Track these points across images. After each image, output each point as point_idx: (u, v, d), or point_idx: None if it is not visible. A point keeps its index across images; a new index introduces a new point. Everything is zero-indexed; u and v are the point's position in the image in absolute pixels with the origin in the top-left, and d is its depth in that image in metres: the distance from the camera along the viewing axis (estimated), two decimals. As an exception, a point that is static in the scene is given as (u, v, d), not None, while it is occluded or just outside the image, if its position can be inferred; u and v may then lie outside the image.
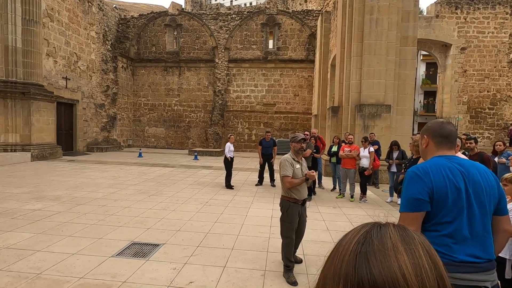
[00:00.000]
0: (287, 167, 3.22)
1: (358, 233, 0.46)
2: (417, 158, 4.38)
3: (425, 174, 1.46)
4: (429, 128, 1.63)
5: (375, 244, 0.43)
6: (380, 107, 9.26)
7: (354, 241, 0.44)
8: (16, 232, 4.16)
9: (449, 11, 16.64)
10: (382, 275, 0.39)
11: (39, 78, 12.43)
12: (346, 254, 0.43)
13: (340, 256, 0.44)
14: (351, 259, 0.42)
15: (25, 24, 11.80)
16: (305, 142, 3.36)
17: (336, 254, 0.45)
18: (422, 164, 1.54)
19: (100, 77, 17.39)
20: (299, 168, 3.29)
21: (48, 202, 5.76)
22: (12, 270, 3.08)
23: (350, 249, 0.43)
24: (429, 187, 1.43)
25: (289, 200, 3.22)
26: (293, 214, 3.20)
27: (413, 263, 0.40)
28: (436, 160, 1.52)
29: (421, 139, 1.67)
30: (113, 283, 2.89)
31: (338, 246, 0.46)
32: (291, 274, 3.09)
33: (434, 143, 1.59)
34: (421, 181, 1.45)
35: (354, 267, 0.41)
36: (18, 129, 11.76)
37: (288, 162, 3.25)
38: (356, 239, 0.45)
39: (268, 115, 19.25)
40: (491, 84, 16.92)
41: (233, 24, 19.05)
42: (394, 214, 5.87)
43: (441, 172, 1.45)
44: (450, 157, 1.53)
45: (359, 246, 0.43)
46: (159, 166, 11.50)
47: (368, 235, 0.45)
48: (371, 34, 9.25)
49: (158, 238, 4.10)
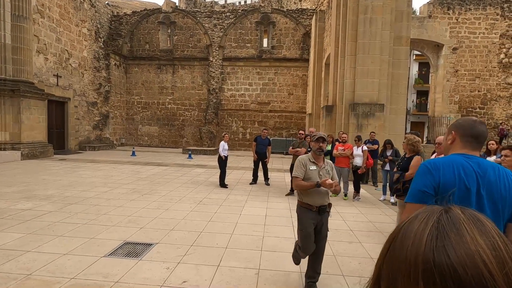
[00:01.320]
0: (298, 168, 2.95)
1: (428, 222, 0.43)
2: (410, 157, 4.42)
3: (435, 169, 1.46)
4: (460, 125, 1.55)
5: (452, 236, 0.41)
6: (373, 106, 9.33)
7: (427, 232, 0.42)
8: (6, 232, 4.08)
9: (441, 12, 16.84)
10: (465, 268, 0.37)
11: (29, 75, 12.19)
12: (420, 245, 0.41)
13: (413, 248, 0.41)
14: (428, 250, 0.40)
15: (14, 20, 11.55)
16: (324, 141, 2.99)
17: (405, 246, 0.42)
18: (436, 159, 1.54)
19: (92, 74, 17.14)
20: (314, 170, 2.93)
21: (38, 202, 5.66)
22: (1, 271, 3.02)
23: (424, 240, 0.41)
24: (436, 181, 1.43)
25: (301, 205, 2.96)
26: (305, 220, 2.88)
27: (495, 256, 0.39)
28: (452, 157, 1.50)
29: (448, 134, 1.61)
30: (105, 283, 2.86)
31: (403, 237, 0.43)
32: (300, 256, 2.96)
33: (461, 142, 1.53)
34: (430, 174, 1.46)
35: (433, 258, 0.39)
36: (8, 127, 11.52)
37: (301, 163, 2.96)
38: (429, 229, 0.42)
39: (262, 113, 19.24)
40: (481, 84, 17.21)
41: (228, 22, 18.96)
42: (387, 212, 5.93)
43: (453, 169, 1.43)
44: (469, 157, 1.48)
45: (433, 236, 0.41)
46: (153, 165, 11.41)
47: (440, 224, 0.42)
48: (365, 34, 9.31)
49: (151, 238, 4.06)
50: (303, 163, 2.95)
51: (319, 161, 3.00)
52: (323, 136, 3.01)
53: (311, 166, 2.94)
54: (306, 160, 2.99)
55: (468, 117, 1.65)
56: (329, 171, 3.03)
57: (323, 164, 3.01)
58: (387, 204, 6.61)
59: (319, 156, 3.00)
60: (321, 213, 2.91)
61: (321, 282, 3.00)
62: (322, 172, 2.95)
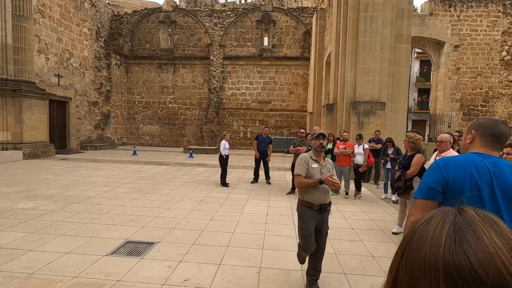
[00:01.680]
0: (300, 166, 2.92)
1: (444, 224, 0.43)
2: (412, 155, 4.41)
3: (445, 166, 1.46)
4: (481, 124, 1.52)
5: (470, 238, 0.41)
6: (374, 104, 9.31)
7: (445, 234, 0.42)
8: (8, 232, 4.10)
9: (442, 9, 16.75)
10: (486, 269, 0.38)
11: (31, 75, 12.22)
12: (439, 248, 0.41)
13: (432, 251, 0.41)
14: (447, 253, 0.40)
15: (15, 20, 11.57)
16: (325, 138, 3.01)
17: (423, 248, 0.42)
18: (448, 157, 1.55)
19: (93, 74, 17.17)
20: (316, 167, 2.91)
21: (40, 201, 5.68)
22: (4, 270, 3.04)
23: (443, 243, 0.41)
24: (444, 178, 1.43)
25: (302, 204, 2.95)
26: (305, 219, 2.88)
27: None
28: (467, 156, 1.49)
29: (467, 133, 1.57)
30: (107, 282, 2.87)
31: (420, 240, 0.43)
32: (304, 254, 2.94)
33: (481, 141, 1.50)
34: (439, 171, 1.46)
35: (453, 261, 0.39)
36: (10, 127, 11.56)
37: (303, 161, 2.94)
38: (446, 231, 0.42)
39: (263, 112, 19.23)
40: (483, 81, 17.12)
41: (228, 21, 18.93)
42: (388, 210, 5.92)
43: (464, 168, 1.42)
44: (485, 156, 1.46)
45: (451, 239, 0.41)
46: (154, 164, 11.43)
47: (456, 226, 0.43)
48: (365, 32, 9.27)
49: (152, 236, 4.07)
50: (305, 161, 2.93)
51: (320, 159, 3.00)
52: (323, 133, 3.03)
53: (313, 164, 2.93)
54: (308, 158, 2.97)
55: (489, 116, 1.63)
56: (330, 169, 3.03)
57: (324, 162, 3.01)
58: (389, 202, 6.61)
59: (320, 154, 3.00)
60: (322, 212, 2.89)
61: (322, 280, 3.00)
62: (324, 170, 2.95)
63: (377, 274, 3.21)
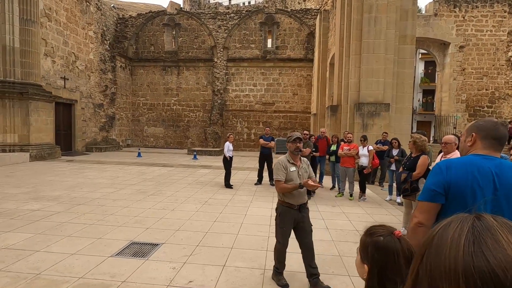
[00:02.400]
0: (279, 171, 2.99)
1: (463, 228, 0.44)
2: (417, 157, 4.38)
3: (447, 168, 1.45)
4: (481, 126, 1.50)
5: (488, 241, 0.42)
6: (379, 105, 9.27)
7: (464, 237, 0.43)
8: (15, 233, 4.15)
9: (447, 10, 16.65)
10: (505, 271, 0.39)
11: (37, 78, 12.39)
12: (458, 251, 0.42)
13: (451, 254, 0.42)
14: (466, 256, 0.41)
15: (22, 24, 11.75)
16: (301, 141, 3.08)
17: (442, 252, 0.43)
18: (450, 159, 1.54)
19: (99, 77, 17.34)
20: (294, 171, 3.01)
21: (46, 202, 5.75)
22: (11, 270, 3.08)
23: (462, 246, 0.42)
24: (446, 180, 1.42)
25: (282, 204, 3.04)
26: (286, 219, 3.00)
27: None
28: (469, 157, 1.48)
29: (467, 136, 1.56)
30: (112, 283, 2.89)
31: (439, 243, 0.45)
32: (281, 277, 2.99)
33: (482, 143, 1.49)
34: (441, 173, 1.46)
35: (472, 263, 0.40)
36: (17, 129, 11.72)
37: (281, 165, 3.01)
38: (465, 235, 0.43)
39: (267, 114, 19.24)
40: (489, 82, 16.95)
41: (232, 23, 19.01)
42: (393, 212, 5.88)
43: (466, 169, 1.41)
44: (487, 157, 1.44)
45: (470, 242, 0.42)
46: (158, 166, 11.49)
47: (475, 230, 0.44)
48: (369, 33, 9.25)
49: (157, 238, 4.09)
50: (283, 166, 3.01)
51: (297, 160, 3.10)
52: (300, 137, 3.10)
53: (291, 168, 3.02)
54: (285, 161, 3.05)
55: (489, 118, 1.61)
56: (306, 168, 3.15)
57: (300, 163, 3.11)
58: (393, 204, 6.56)
59: (296, 156, 3.11)
60: (301, 211, 3.03)
61: (326, 282, 2.99)
62: (301, 171, 3.06)
63: (382, 277, 3.18)
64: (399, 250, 0.91)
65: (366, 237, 0.99)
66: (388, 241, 0.93)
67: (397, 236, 0.94)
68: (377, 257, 0.93)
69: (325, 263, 3.45)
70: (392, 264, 0.91)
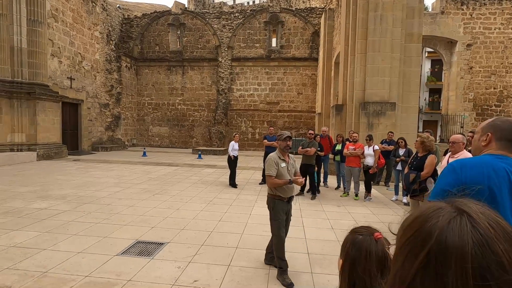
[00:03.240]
0: (271, 167, 3.20)
1: (464, 230, 0.44)
2: (424, 156, 4.33)
3: (461, 168, 1.39)
4: (498, 127, 1.45)
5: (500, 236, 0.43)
6: (384, 105, 9.18)
7: (469, 238, 0.43)
8: (23, 231, 4.20)
9: (454, 7, 16.42)
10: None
11: (44, 78, 12.54)
12: (464, 254, 0.42)
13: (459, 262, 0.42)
14: (477, 254, 0.41)
15: (30, 24, 11.90)
16: (291, 140, 3.34)
17: (451, 255, 0.43)
18: (464, 159, 1.48)
19: (104, 76, 17.49)
20: (284, 167, 3.25)
21: (53, 201, 5.81)
22: (19, 268, 3.11)
23: (467, 249, 0.42)
24: (461, 181, 1.36)
25: (274, 198, 3.23)
26: (279, 211, 3.21)
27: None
28: (483, 158, 1.43)
29: (482, 135, 1.51)
30: (118, 281, 2.90)
31: (445, 249, 0.43)
32: (286, 276, 3.00)
33: (498, 144, 1.43)
34: (454, 173, 1.40)
35: (483, 262, 0.41)
36: (24, 129, 11.88)
37: (273, 161, 3.22)
38: (471, 236, 0.43)
39: (271, 113, 19.21)
40: (497, 81, 16.69)
41: (236, 22, 19.01)
42: (399, 212, 5.82)
43: (482, 169, 1.36)
44: (502, 157, 1.40)
45: (475, 242, 0.42)
46: (163, 165, 11.54)
47: (474, 229, 0.44)
48: (375, 31, 9.16)
49: (162, 237, 4.11)
50: (275, 162, 3.23)
51: (286, 157, 3.35)
52: (290, 135, 3.36)
53: (281, 164, 3.25)
54: (276, 158, 3.27)
55: (506, 118, 1.54)
56: (293, 164, 3.43)
57: (289, 159, 3.37)
58: (399, 204, 6.50)
59: (285, 153, 3.36)
60: (289, 202, 3.31)
61: (332, 283, 2.97)
62: (289, 167, 3.32)
63: (388, 278, 3.15)
64: (373, 250, 0.94)
65: (349, 234, 1.04)
66: (364, 240, 0.97)
67: (376, 237, 0.97)
68: (351, 253, 0.97)
69: (331, 263, 3.43)
70: (363, 262, 0.94)
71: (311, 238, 4.20)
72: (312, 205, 6.14)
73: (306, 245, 3.93)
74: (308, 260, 3.51)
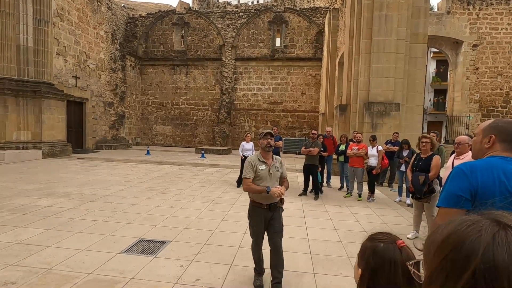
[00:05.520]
0: (247, 169, 2.87)
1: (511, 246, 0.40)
2: (428, 157, 4.30)
3: (471, 172, 1.37)
4: (502, 128, 1.43)
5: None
6: (389, 105, 9.12)
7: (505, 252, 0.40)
8: (28, 228, 4.24)
9: (460, 7, 16.26)
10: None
11: (50, 77, 12.65)
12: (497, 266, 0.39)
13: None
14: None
15: (36, 23, 12.00)
16: (272, 137, 2.96)
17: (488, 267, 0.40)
18: (472, 162, 1.44)
19: (109, 75, 17.60)
20: (264, 169, 2.87)
21: (58, 199, 5.86)
22: (24, 265, 3.14)
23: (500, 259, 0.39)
24: (473, 185, 1.34)
25: (252, 203, 2.94)
26: (256, 218, 2.90)
27: None
28: (491, 160, 1.40)
29: (484, 137, 1.49)
30: (121, 279, 2.92)
31: (494, 268, 0.40)
32: (257, 277, 2.93)
33: (502, 146, 1.41)
34: (465, 178, 1.37)
35: None
36: (30, 127, 12.00)
37: (250, 163, 2.88)
38: (506, 248, 0.40)
39: (275, 113, 19.19)
40: (504, 81, 16.51)
41: (240, 22, 19.01)
42: (403, 213, 5.79)
43: (492, 173, 1.34)
44: (509, 159, 1.38)
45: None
46: (167, 164, 11.59)
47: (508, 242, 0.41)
48: (380, 31, 9.11)
49: (165, 235, 4.12)
50: (252, 164, 2.89)
51: (268, 158, 2.94)
52: (271, 132, 2.98)
53: (260, 166, 2.87)
54: (255, 160, 2.91)
55: (508, 119, 1.52)
56: (279, 167, 2.98)
57: (273, 162, 2.95)
58: (403, 205, 6.45)
59: (268, 154, 2.95)
60: (272, 210, 2.88)
61: (335, 284, 2.96)
62: (272, 170, 2.91)
63: (391, 279, 3.13)
64: (398, 259, 0.88)
65: (367, 241, 0.97)
66: (387, 248, 0.90)
67: (399, 245, 0.90)
68: (371, 262, 0.90)
69: (334, 264, 3.41)
70: (387, 272, 0.87)
71: (314, 238, 4.19)
72: (315, 205, 6.12)
73: (309, 246, 3.92)
74: (310, 261, 3.50)
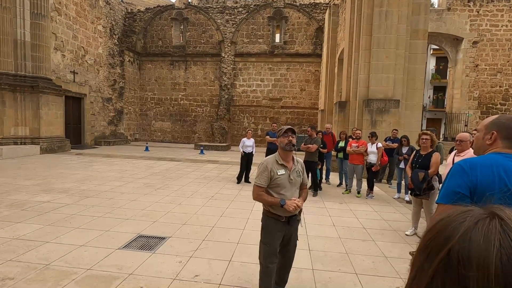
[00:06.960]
0: (261, 175, 2.33)
1: (492, 231, 0.40)
2: (428, 154, 4.29)
3: (471, 169, 1.37)
4: (504, 125, 1.42)
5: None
6: (388, 102, 9.11)
7: (496, 240, 0.40)
8: (26, 224, 4.23)
9: (461, 4, 16.18)
10: None
11: (48, 72, 12.54)
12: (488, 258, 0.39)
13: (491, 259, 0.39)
14: (503, 258, 0.38)
15: (33, 18, 11.87)
16: (294, 133, 2.41)
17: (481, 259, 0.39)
18: (472, 158, 1.44)
19: (107, 71, 17.48)
20: (284, 174, 2.33)
21: (56, 195, 5.84)
22: (22, 260, 3.13)
23: (493, 251, 0.39)
24: (472, 182, 1.34)
25: (267, 215, 2.40)
26: (272, 233, 2.37)
27: None
28: (491, 157, 1.40)
29: (486, 133, 1.48)
30: (119, 275, 2.92)
31: (468, 249, 0.40)
32: None
33: (504, 142, 1.41)
34: (465, 174, 1.37)
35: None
36: (28, 122, 11.93)
37: (266, 168, 2.34)
38: (498, 238, 0.40)
39: (274, 110, 19.15)
40: (503, 79, 16.49)
41: (240, 17, 18.88)
42: (402, 210, 5.80)
43: (491, 170, 1.34)
44: (510, 156, 1.37)
45: (502, 245, 0.39)
46: (166, 160, 11.57)
47: (504, 232, 0.40)
48: (380, 28, 9.06)
49: (164, 231, 4.12)
50: (268, 169, 2.32)
51: (288, 161, 2.39)
52: (293, 128, 2.44)
53: (279, 171, 2.33)
54: (272, 163, 2.35)
55: (510, 116, 1.51)
56: (300, 173, 2.46)
57: (293, 165, 2.42)
58: (402, 202, 6.47)
59: (288, 155, 2.39)
60: (291, 223, 2.39)
61: (334, 281, 2.97)
62: (293, 175, 2.38)
63: (390, 275, 3.14)
64: None
65: None
66: None
67: None
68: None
69: (333, 261, 3.42)
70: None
71: (313, 235, 4.19)
72: (314, 202, 6.12)
73: (308, 242, 3.92)
74: (309, 257, 3.50)
